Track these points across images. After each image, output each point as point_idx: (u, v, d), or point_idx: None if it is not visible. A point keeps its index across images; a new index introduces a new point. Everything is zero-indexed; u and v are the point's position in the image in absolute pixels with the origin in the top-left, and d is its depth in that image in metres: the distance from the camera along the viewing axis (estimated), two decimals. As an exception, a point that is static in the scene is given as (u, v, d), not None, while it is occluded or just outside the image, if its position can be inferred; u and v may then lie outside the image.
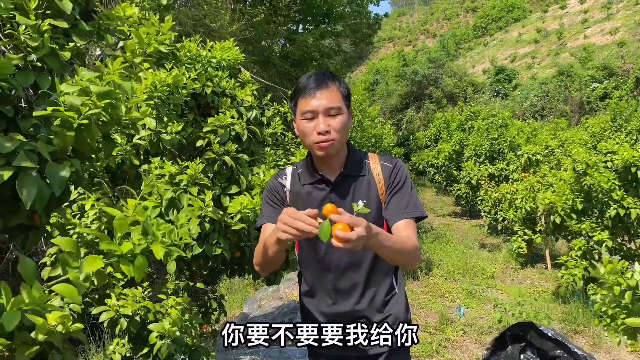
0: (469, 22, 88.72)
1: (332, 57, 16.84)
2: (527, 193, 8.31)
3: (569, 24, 52.92)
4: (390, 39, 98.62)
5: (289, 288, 6.91)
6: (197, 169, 2.85)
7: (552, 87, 30.64)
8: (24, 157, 1.14)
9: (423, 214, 1.86)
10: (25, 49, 1.47)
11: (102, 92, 1.34)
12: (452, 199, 16.41)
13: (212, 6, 9.18)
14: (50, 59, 1.53)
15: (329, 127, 1.74)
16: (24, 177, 1.16)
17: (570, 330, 5.47)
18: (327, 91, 1.75)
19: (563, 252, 9.04)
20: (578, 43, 44.18)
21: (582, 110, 28.32)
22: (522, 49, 52.21)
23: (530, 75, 39.86)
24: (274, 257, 1.73)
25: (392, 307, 1.96)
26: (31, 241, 1.54)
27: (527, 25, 61.71)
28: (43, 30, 1.48)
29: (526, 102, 30.99)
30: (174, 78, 2.59)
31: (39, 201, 1.20)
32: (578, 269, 5.78)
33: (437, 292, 7.08)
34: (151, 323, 2.88)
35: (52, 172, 1.23)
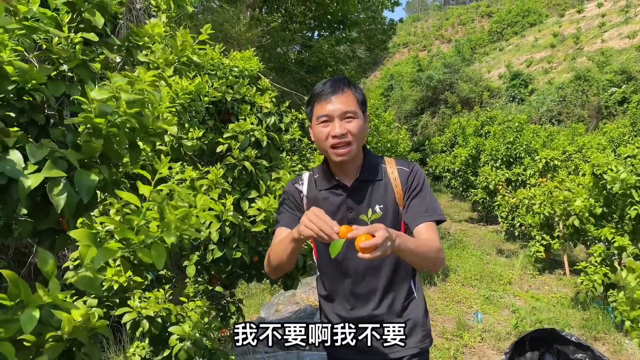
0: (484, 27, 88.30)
1: (347, 63, 16.89)
2: (545, 198, 8.24)
3: (586, 28, 52.41)
4: (405, 44, 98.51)
5: (305, 293, 6.94)
6: (218, 174, 2.90)
7: (569, 92, 30.34)
8: (51, 167, 1.17)
9: (442, 218, 1.87)
10: (57, 60, 1.53)
11: (132, 99, 1.38)
12: (469, 205, 16.30)
13: (230, 13, 9.29)
14: (81, 70, 1.58)
15: (345, 130, 1.75)
16: (53, 184, 1.19)
17: (590, 337, 5.41)
18: (343, 96, 1.77)
19: (581, 258, 8.94)
20: (595, 47, 43.73)
21: (600, 115, 27.99)
22: (538, 54, 51.81)
23: (546, 80, 39.51)
24: (286, 260, 1.75)
25: (411, 312, 1.96)
26: (59, 245, 1.58)
27: (543, 29, 61.27)
28: (75, 42, 1.54)
29: (543, 107, 30.72)
30: (196, 86, 2.64)
31: (67, 207, 1.23)
32: (598, 274, 5.72)
33: (454, 298, 7.05)
34: (172, 325, 2.93)
35: (81, 179, 1.26)
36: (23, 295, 0.91)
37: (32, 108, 1.38)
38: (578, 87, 30.16)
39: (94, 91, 1.29)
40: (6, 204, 1.17)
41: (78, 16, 1.52)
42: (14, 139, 1.12)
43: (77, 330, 1.16)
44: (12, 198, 1.12)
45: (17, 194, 1.08)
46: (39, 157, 1.12)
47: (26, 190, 1.09)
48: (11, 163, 1.10)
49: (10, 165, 1.09)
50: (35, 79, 1.30)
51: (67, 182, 1.24)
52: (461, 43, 54.76)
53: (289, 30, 13.86)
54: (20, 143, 1.16)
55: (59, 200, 1.15)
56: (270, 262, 1.86)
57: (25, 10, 1.32)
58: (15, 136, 1.14)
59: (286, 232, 1.88)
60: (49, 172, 1.12)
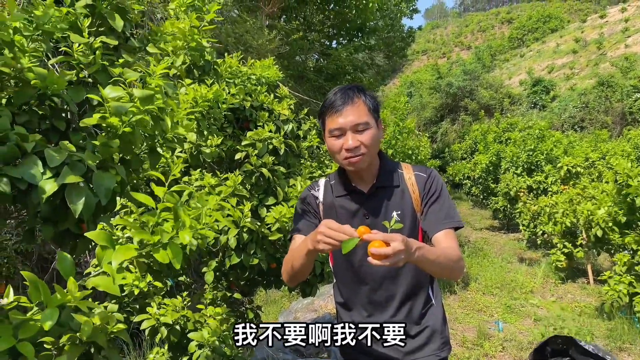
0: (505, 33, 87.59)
1: (366, 71, 16.88)
2: (568, 206, 8.10)
3: (609, 34, 51.61)
4: (423, 51, 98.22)
5: (323, 301, 6.92)
6: (237, 180, 2.92)
7: (592, 98, 29.83)
8: (69, 172, 1.19)
9: (461, 224, 1.84)
10: (77, 66, 1.56)
11: (145, 95, 1.39)
12: (489, 213, 16.10)
13: (251, 23, 9.38)
14: (101, 75, 1.61)
15: (357, 143, 1.73)
16: (71, 189, 1.21)
17: (615, 347, 5.29)
18: (354, 107, 1.74)
19: (606, 266, 8.76)
20: (619, 52, 43.02)
21: (624, 122, 27.44)
22: (559, 60, 51.16)
23: (568, 86, 38.95)
24: (302, 268, 1.74)
25: (429, 319, 1.93)
26: (80, 249, 1.60)
27: (564, 35, 60.51)
28: (95, 47, 1.57)
29: (565, 114, 30.26)
30: (214, 93, 2.67)
31: (86, 210, 1.25)
32: (623, 284, 5.60)
33: (475, 307, 6.96)
34: (190, 332, 2.94)
35: (99, 181, 1.29)
36: (43, 296, 0.92)
37: (53, 114, 1.41)
38: (601, 93, 29.64)
39: (108, 88, 1.31)
40: (27, 208, 1.19)
41: (97, 20, 1.55)
42: (32, 144, 1.15)
43: (95, 333, 1.18)
44: (33, 202, 1.14)
45: (37, 198, 1.11)
46: (57, 162, 1.14)
47: (45, 195, 1.11)
48: (30, 168, 1.12)
49: (30, 171, 1.11)
50: (56, 84, 1.32)
51: (86, 185, 1.26)
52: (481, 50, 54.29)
53: (308, 39, 13.93)
54: (39, 148, 1.18)
55: (77, 206, 1.17)
56: (286, 270, 1.86)
57: (41, 14, 1.35)
58: (34, 141, 1.16)
59: (301, 239, 1.88)
60: (66, 178, 1.14)
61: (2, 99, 1.28)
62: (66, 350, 1.13)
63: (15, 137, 1.12)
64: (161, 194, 1.21)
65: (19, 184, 1.08)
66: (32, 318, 0.94)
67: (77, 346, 1.17)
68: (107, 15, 1.66)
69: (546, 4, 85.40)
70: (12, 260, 4.86)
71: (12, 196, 1.14)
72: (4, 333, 0.88)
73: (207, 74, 2.56)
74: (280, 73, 3.75)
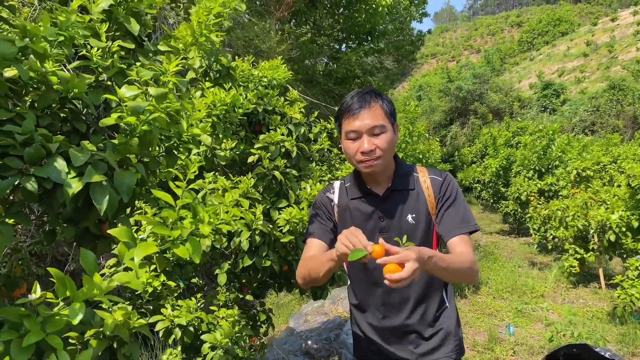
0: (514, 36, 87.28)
1: (375, 75, 16.87)
2: (579, 210, 8.05)
3: (621, 37, 51.29)
4: (433, 55, 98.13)
5: (334, 304, 6.92)
6: (249, 183, 2.95)
7: (603, 102, 29.64)
8: (92, 172, 1.22)
9: (476, 228, 1.85)
10: (96, 69, 1.59)
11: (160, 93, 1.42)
12: (500, 217, 16.02)
13: (261, 27, 9.44)
14: (119, 78, 1.64)
15: (373, 146, 1.74)
16: (95, 187, 1.24)
17: (627, 353, 5.24)
18: (370, 110, 1.75)
19: (618, 271, 8.68)
20: (630, 56, 42.74)
21: (636, 125, 27.23)
22: (570, 63, 50.91)
23: (579, 90, 38.78)
24: (322, 276, 1.73)
25: (443, 322, 1.95)
26: (100, 250, 1.64)
27: (575, 38, 60.24)
28: (113, 51, 1.60)
29: (575, 117, 30.09)
30: (232, 98, 2.70)
31: (110, 209, 1.27)
32: (635, 288, 5.56)
33: (486, 311, 6.93)
34: (204, 334, 2.97)
35: (120, 179, 1.31)
36: (70, 291, 0.95)
37: (74, 117, 1.44)
38: (612, 97, 29.43)
39: (123, 88, 1.34)
40: (52, 207, 1.22)
41: (114, 24, 1.59)
42: (56, 145, 1.18)
43: (118, 328, 1.21)
44: (58, 202, 1.17)
45: (62, 197, 1.14)
46: (81, 161, 1.17)
47: (70, 194, 1.14)
48: (56, 168, 1.15)
49: (55, 171, 1.14)
50: (77, 88, 1.35)
51: (108, 184, 1.28)
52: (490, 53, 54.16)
53: (317, 43, 13.98)
54: (63, 149, 1.21)
55: (102, 204, 1.20)
56: (303, 275, 1.85)
57: (65, 20, 1.38)
58: (57, 141, 1.19)
59: (317, 243, 1.89)
60: (91, 177, 1.17)
61: (27, 102, 1.31)
62: (91, 345, 1.15)
63: (40, 138, 1.15)
64: (179, 192, 1.23)
65: (45, 183, 1.11)
66: (59, 313, 0.96)
67: (102, 341, 1.20)
68: (123, 20, 1.69)
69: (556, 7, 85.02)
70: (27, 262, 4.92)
71: (38, 195, 1.17)
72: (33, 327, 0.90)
73: (223, 79, 2.59)
74: (290, 73, 3.77)
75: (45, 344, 0.92)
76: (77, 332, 1.10)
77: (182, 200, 1.20)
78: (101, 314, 1.23)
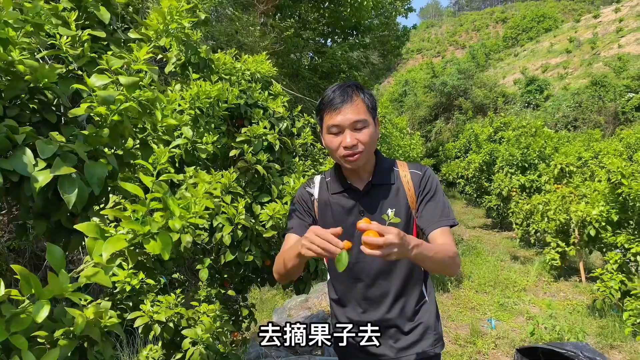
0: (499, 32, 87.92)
1: (361, 69, 16.84)
2: (560, 204, 8.15)
3: (603, 34, 51.93)
4: (418, 50, 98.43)
5: (317, 298, 6.93)
6: (231, 178, 2.92)
7: (585, 98, 30.02)
8: (61, 164, 1.18)
9: (455, 222, 1.86)
10: (66, 59, 1.55)
11: (130, 82, 1.38)
12: (483, 211, 16.17)
13: (244, 21, 9.36)
14: (90, 67, 1.60)
15: (356, 141, 1.74)
16: (63, 179, 1.20)
17: (606, 345, 5.32)
18: (352, 105, 1.74)
19: (598, 264, 8.81)
20: (612, 52, 43.31)
21: (616, 121, 27.63)
22: (553, 59, 51.44)
23: (562, 86, 39.18)
24: (293, 269, 1.74)
25: (422, 316, 1.95)
26: (73, 245, 1.60)
27: (558, 35, 60.85)
28: (83, 40, 1.56)
29: (558, 113, 30.43)
30: (218, 91, 2.65)
31: (79, 202, 1.24)
32: (614, 281, 5.64)
33: (468, 305, 6.99)
34: (184, 329, 2.94)
35: (91, 171, 1.28)
36: (34, 288, 0.92)
37: (44, 107, 1.40)
38: (594, 93, 29.82)
39: (93, 77, 1.30)
40: (20, 200, 1.18)
41: (84, 13, 1.55)
42: (22, 136, 1.14)
43: (89, 327, 1.17)
44: (25, 195, 1.14)
45: (29, 190, 1.10)
46: (48, 153, 1.14)
47: (38, 187, 1.10)
48: (22, 161, 1.11)
49: (21, 163, 1.11)
50: (47, 77, 1.31)
51: (78, 176, 1.25)
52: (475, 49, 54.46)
53: (302, 37, 13.90)
54: (30, 140, 1.17)
55: (71, 197, 1.17)
56: (277, 269, 1.86)
57: (31, 7, 1.34)
58: (24, 133, 1.15)
59: (294, 238, 1.88)
60: (59, 170, 1.13)
61: (-7, 92, 1.27)
62: (60, 345, 1.12)
63: (6, 129, 1.11)
64: (150, 184, 1.19)
65: (11, 176, 1.07)
66: (24, 311, 0.93)
67: (71, 340, 1.17)
68: (92, 8, 1.65)
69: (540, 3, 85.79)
70: (4, 257, 4.83)
71: (5, 189, 1.13)
72: (-5, 326, 0.87)
73: (202, 72, 2.55)
74: (274, 69, 3.74)
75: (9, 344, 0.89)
76: (46, 332, 1.06)
77: (152, 194, 1.17)
78: (71, 311, 1.19)
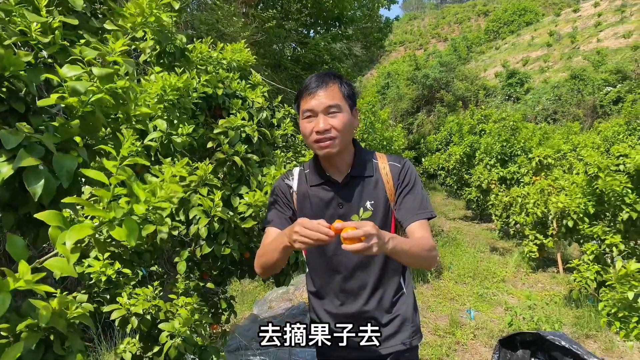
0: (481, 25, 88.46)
1: (343, 61, 16.82)
2: (539, 197, 8.25)
3: (582, 28, 52.58)
4: (401, 42, 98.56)
5: (298, 290, 6.93)
6: (207, 169, 2.88)
7: (565, 91, 30.42)
8: (25, 155, 1.15)
9: (434, 214, 1.87)
10: (36, 46, 1.50)
11: (104, 74, 1.35)
12: (463, 203, 16.31)
13: (225, 10, 9.24)
14: (61, 56, 1.55)
15: (328, 126, 1.74)
16: (29, 171, 1.17)
17: (582, 335, 5.42)
18: (327, 90, 1.76)
19: (575, 256, 8.96)
20: (591, 46, 43.89)
21: (595, 114, 28.06)
22: (534, 53, 51.96)
23: (542, 79, 39.62)
24: (277, 262, 1.74)
25: (400, 308, 1.96)
26: (42, 237, 1.55)
27: (539, 28, 61.43)
28: (54, 27, 1.50)
29: (538, 106, 30.80)
30: (184, 82, 2.61)
31: (45, 194, 1.20)
32: (590, 272, 5.73)
33: (447, 296, 7.06)
34: (162, 322, 2.91)
35: (60, 164, 1.24)
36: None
37: (11, 96, 1.35)
38: (573, 86, 30.24)
39: (65, 67, 1.26)
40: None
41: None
42: (-16, 126, 1.10)
43: (54, 319, 1.14)
44: (-12, 187, 1.10)
45: (-8, 183, 1.06)
46: (13, 143, 1.10)
47: (0, 179, 1.06)
48: (-17, 151, 1.07)
49: (-17, 154, 1.07)
50: (14, 65, 1.27)
51: (45, 168, 1.21)
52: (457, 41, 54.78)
53: (285, 27, 13.81)
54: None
55: (36, 189, 1.13)
56: (259, 263, 1.85)
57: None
58: (-14, 122, 1.11)
59: (275, 232, 1.87)
60: (23, 161, 1.09)
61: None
62: (23, 338, 1.09)
63: (-33, 119, 1.07)
64: (113, 169, 1.16)
65: (-28, 167, 1.03)
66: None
67: (35, 332, 1.14)
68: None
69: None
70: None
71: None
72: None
73: (178, 61, 2.50)
74: (253, 57, 3.68)
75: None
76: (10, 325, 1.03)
77: (115, 178, 1.13)
78: (35, 302, 1.16)
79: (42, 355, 1.25)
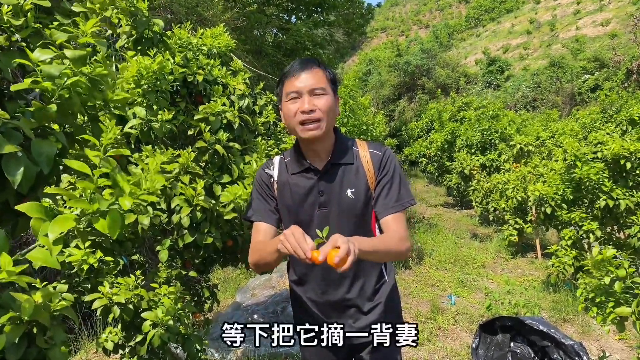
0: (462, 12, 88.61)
1: (325, 47, 16.76)
2: (519, 183, 8.35)
3: (561, 15, 53.03)
4: (383, 29, 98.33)
5: (281, 277, 6.93)
6: (189, 157, 2.84)
7: (544, 79, 30.72)
8: (3, 142, 1.12)
9: (412, 203, 1.86)
10: (8, 29, 1.45)
11: (77, 56, 1.31)
12: (444, 190, 16.47)
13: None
14: (35, 39, 1.50)
15: (314, 107, 1.73)
16: (8, 157, 1.14)
17: (559, 319, 5.53)
18: (312, 72, 1.76)
19: (553, 241, 9.11)
20: (570, 34, 44.32)
21: (573, 102, 28.40)
22: (514, 40, 52.32)
23: (522, 67, 39.96)
24: (271, 262, 1.75)
25: (382, 296, 1.97)
26: (20, 227, 1.52)
27: (519, 16, 61.79)
28: (26, 9, 1.46)
29: (518, 93, 31.07)
30: (159, 64, 2.56)
31: (25, 181, 1.18)
32: (568, 257, 5.83)
33: (429, 282, 7.13)
34: (144, 311, 2.88)
35: (38, 149, 1.21)
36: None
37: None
38: (552, 74, 30.53)
39: (37, 51, 1.22)
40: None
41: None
42: (-41, 113, 1.06)
43: (37, 312, 1.12)
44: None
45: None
46: (-10, 130, 1.06)
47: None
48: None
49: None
50: (-16, 49, 1.22)
51: (24, 154, 1.18)
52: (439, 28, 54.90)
53: (266, 13, 13.67)
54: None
55: (15, 177, 1.10)
56: (255, 261, 1.84)
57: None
58: (-39, 109, 1.07)
59: (264, 227, 1.88)
60: (2, 148, 1.06)
61: None
62: (6, 331, 1.06)
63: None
64: (96, 160, 1.13)
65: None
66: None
67: (18, 326, 1.11)
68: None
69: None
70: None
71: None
72: None
73: (156, 47, 2.44)
74: (233, 42, 3.63)
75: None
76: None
77: (99, 170, 1.11)
78: (18, 296, 1.13)
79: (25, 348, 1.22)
